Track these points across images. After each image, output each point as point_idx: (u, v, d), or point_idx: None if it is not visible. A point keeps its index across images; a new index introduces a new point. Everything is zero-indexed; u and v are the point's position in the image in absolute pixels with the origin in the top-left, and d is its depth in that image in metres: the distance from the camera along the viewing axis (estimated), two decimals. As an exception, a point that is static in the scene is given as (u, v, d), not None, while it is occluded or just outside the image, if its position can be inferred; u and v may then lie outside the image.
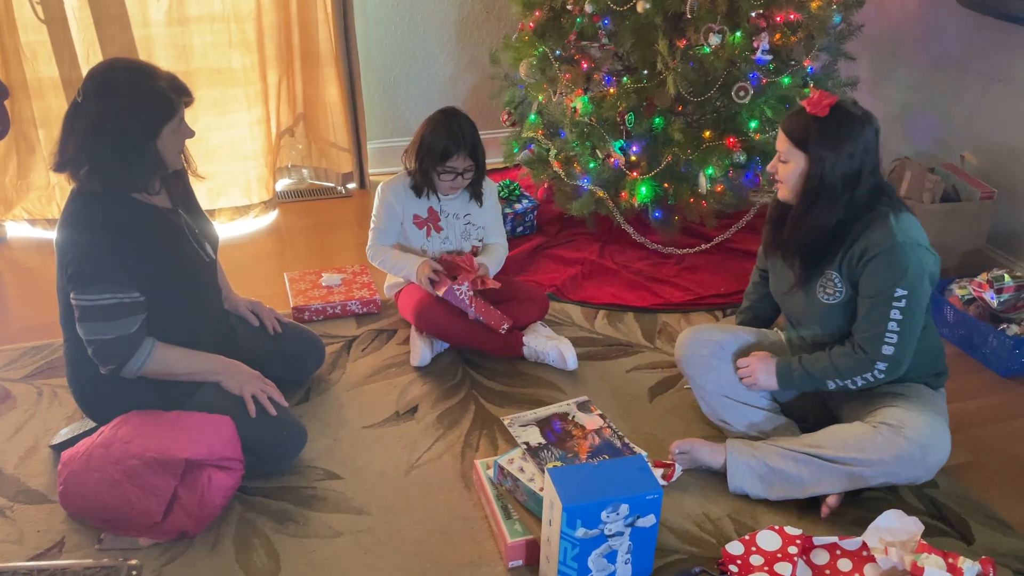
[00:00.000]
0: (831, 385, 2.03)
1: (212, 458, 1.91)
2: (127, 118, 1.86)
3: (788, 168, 1.97)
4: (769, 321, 2.40)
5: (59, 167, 1.91)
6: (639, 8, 2.86)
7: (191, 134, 2.01)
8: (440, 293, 2.45)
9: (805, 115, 1.93)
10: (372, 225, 2.64)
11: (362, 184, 3.85)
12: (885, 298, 1.91)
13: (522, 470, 1.98)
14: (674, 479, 2.09)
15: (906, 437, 1.92)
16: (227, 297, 2.33)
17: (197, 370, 2.04)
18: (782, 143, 1.98)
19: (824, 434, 2.04)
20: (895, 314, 1.91)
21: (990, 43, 3.09)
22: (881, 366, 1.96)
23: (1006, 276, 2.63)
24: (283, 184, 3.88)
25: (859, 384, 2.00)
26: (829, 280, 2.01)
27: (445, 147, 2.45)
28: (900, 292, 1.90)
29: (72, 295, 1.90)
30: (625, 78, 3.03)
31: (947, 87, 3.32)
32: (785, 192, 2.02)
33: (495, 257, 2.67)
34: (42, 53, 3.18)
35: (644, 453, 2.07)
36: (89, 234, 1.89)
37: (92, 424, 2.14)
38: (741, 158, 2.99)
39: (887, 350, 1.94)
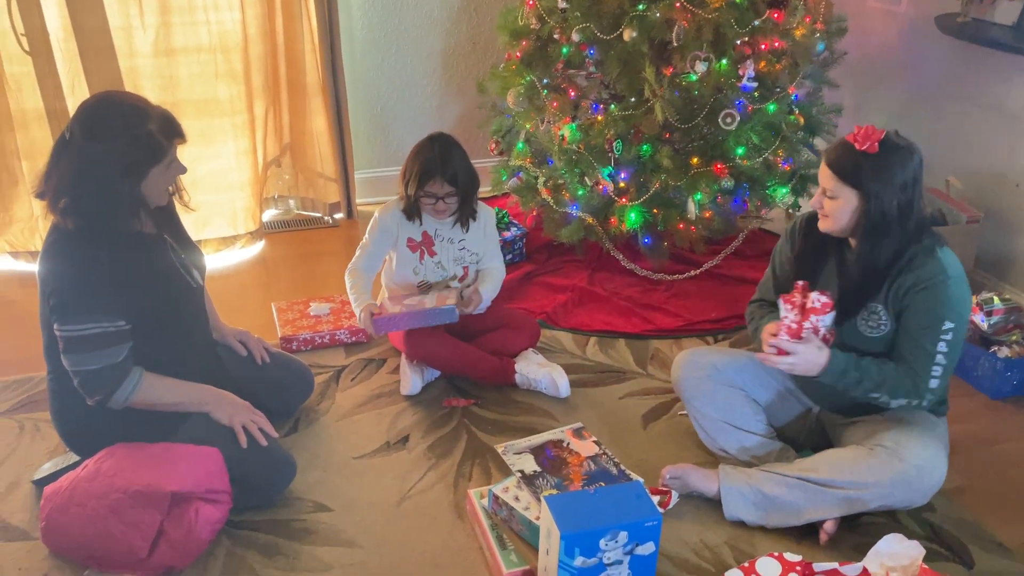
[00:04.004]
0: (874, 396, 1.96)
1: (199, 491, 1.87)
2: (112, 163, 1.82)
3: (836, 204, 1.94)
4: None
5: (40, 195, 1.88)
6: (626, 37, 2.88)
7: (183, 171, 1.98)
8: (374, 332, 2.47)
9: (853, 151, 1.89)
10: (361, 243, 2.61)
11: (349, 214, 3.84)
12: (934, 331, 1.90)
13: (517, 499, 1.95)
14: (670, 506, 2.06)
15: (902, 459, 1.91)
16: (215, 327, 2.30)
17: (186, 400, 2.00)
18: (828, 180, 1.93)
19: (819, 458, 2.02)
20: (942, 347, 1.90)
21: (970, 69, 3.14)
22: (930, 397, 1.94)
23: (995, 299, 2.64)
24: (270, 214, 3.86)
25: (893, 406, 1.97)
26: (873, 313, 1.99)
27: (423, 172, 2.44)
28: (948, 325, 1.89)
29: (56, 326, 1.86)
30: (612, 106, 3.04)
31: (929, 113, 3.36)
32: (830, 225, 1.98)
33: (492, 281, 2.63)
34: (27, 85, 3.17)
35: (640, 480, 2.05)
36: (71, 264, 1.86)
37: (75, 458, 2.09)
38: (729, 184, 3.00)
39: (933, 383, 1.92)
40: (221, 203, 3.53)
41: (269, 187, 3.80)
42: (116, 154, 1.82)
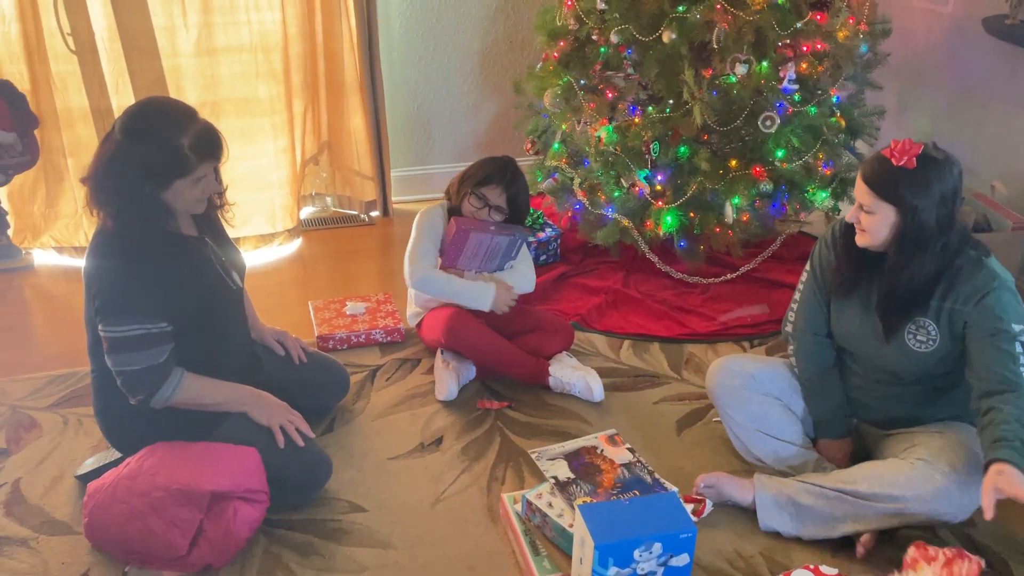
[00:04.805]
0: None
1: (238, 490, 1.90)
2: (134, 163, 1.84)
3: (873, 219, 1.91)
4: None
5: (83, 180, 1.92)
6: (665, 38, 2.86)
7: (217, 189, 2.00)
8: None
9: (890, 166, 1.85)
10: (410, 249, 2.56)
11: (385, 212, 3.86)
12: (1010, 336, 1.84)
13: (551, 505, 1.95)
14: (704, 515, 2.05)
15: (942, 472, 1.88)
16: (254, 327, 2.33)
17: (225, 400, 2.03)
18: (865, 196, 1.90)
19: (857, 470, 2.00)
20: (1018, 347, 1.83)
21: (1018, 72, 3.07)
22: None
23: (1040, 308, 2.58)
24: (307, 212, 3.89)
25: None
26: (922, 328, 1.95)
27: (488, 175, 2.56)
28: (1018, 328, 1.83)
29: (100, 327, 1.90)
30: (650, 107, 3.02)
31: (974, 116, 3.29)
32: (868, 240, 1.95)
33: (519, 275, 2.67)
34: (72, 83, 3.23)
35: (675, 489, 2.04)
36: (114, 265, 1.89)
37: (117, 454, 2.14)
38: (767, 187, 2.97)
39: None
40: (260, 201, 3.57)
41: (306, 185, 3.83)
42: (140, 155, 1.84)
